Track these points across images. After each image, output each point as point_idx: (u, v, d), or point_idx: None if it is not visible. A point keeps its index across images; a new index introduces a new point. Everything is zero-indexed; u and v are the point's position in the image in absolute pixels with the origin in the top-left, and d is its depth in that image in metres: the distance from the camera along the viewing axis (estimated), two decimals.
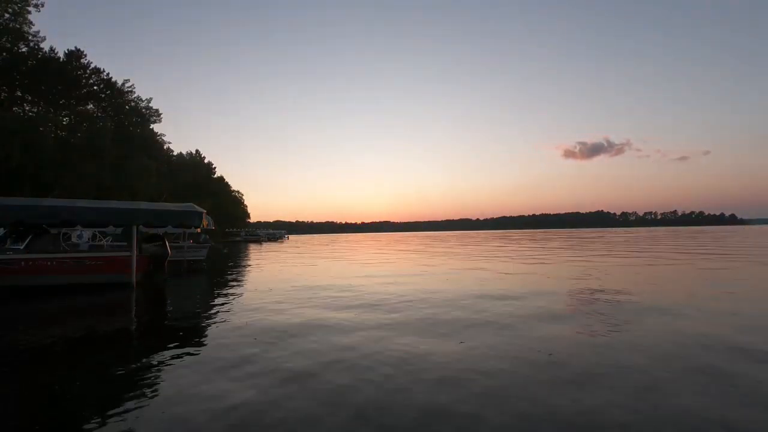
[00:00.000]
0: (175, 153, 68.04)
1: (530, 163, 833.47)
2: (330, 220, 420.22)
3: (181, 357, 4.69)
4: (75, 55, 38.35)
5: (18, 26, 33.78)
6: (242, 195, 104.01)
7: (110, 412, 3.24)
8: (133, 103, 46.77)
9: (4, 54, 33.39)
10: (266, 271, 15.70)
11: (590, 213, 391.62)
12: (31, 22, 34.55)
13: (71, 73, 37.66)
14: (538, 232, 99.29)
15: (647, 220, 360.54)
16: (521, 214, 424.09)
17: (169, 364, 4.43)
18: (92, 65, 39.90)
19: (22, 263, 10.39)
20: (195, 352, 4.90)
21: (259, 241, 69.38)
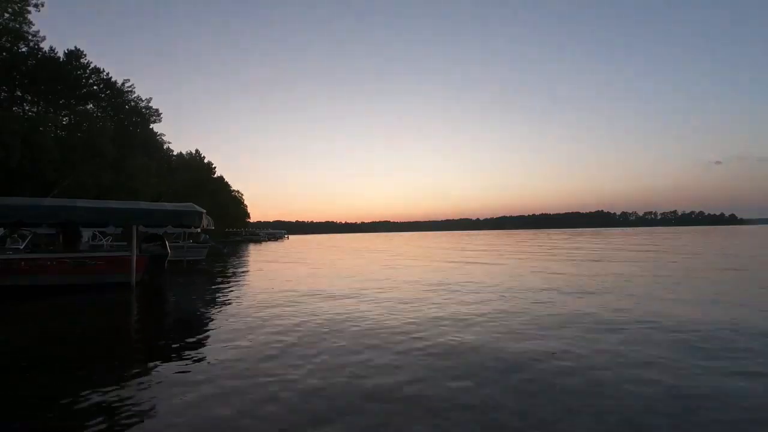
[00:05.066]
0: (175, 153, 68.05)
1: (533, 164, 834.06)
2: (330, 220, 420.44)
3: (181, 358, 4.69)
4: (75, 55, 38.33)
5: (18, 26, 33.73)
6: (242, 195, 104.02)
7: (106, 416, 3.24)
8: (133, 103, 46.72)
9: (4, 54, 33.37)
10: (266, 271, 15.70)
11: (590, 213, 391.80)
12: (31, 22, 34.49)
13: (71, 73, 37.63)
14: (549, 232, 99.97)
15: (647, 219, 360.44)
16: (522, 214, 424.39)
17: (169, 367, 4.43)
18: (92, 65, 39.88)
19: (22, 263, 10.39)
20: (195, 354, 4.90)
21: (259, 240, 69.47)
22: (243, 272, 15.58)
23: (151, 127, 50.76)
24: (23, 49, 34.96)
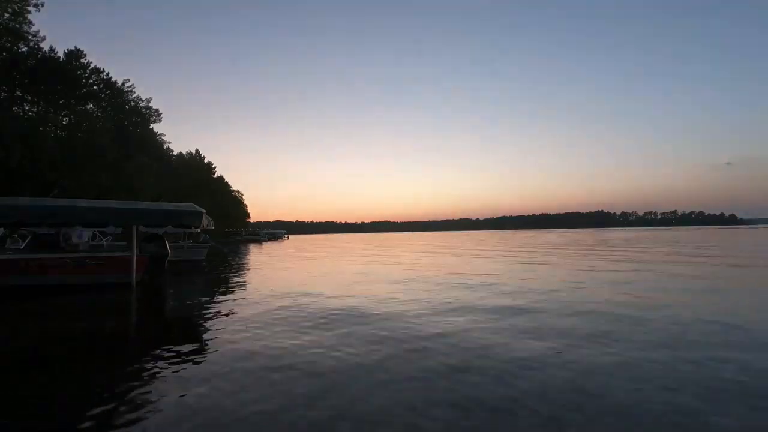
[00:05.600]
0: (175, 153, 68.10)
1: (534, 164, 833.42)
2: (330, 220, 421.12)
3: (181, 358, 4.68)
4: (75, 54, 38.34)
5: (18, 26, 33.75)
6: (242, 195, 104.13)
7: (106, 416, 3.23)
8: (133, 103, 46.80)
9: (4, 54, 33.37)
10: (266, 271, 15.70)
11: (590, 213, 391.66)
12: (30, 22, 34.53)
13: (71, 73, 37.63)
14: (553, 232, 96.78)
15: (647, 219, 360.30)
16: (521, 214, 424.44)
17: (169, 366, 4.42)
18: (92, 65, 39.92)
19: (22, 263, 10.38)
20: (195, 354, 4.89)
21: (259, 240, 69.48)
22: (243, 272, 15.57)
23: (151, 127, 50.85)
24: (23, 49, 34.99)
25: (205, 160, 78.67)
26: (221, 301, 8.61)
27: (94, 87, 40.85)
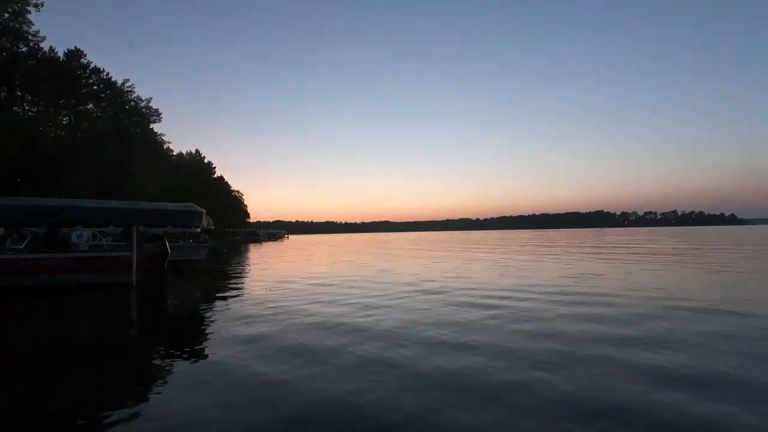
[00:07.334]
0: (175, 153, 68.12)
1: (534, 164, 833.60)
2: (330, 220, 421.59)
3: (181, 359, 4.69)
4: (75, 54, 38.38)
5: (18, 26, 33.78)
6: (242, 195, 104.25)
7: (107, 417, 3.24)
8: (133, 103, 46.81)
9: (4, 54, 33.38)
10: (266, 271, 15.69)
11: (590, 213, 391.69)
12: (31, 22, 34.57)
13: (71, 73, 37.67)
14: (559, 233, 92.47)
15: (647, 219, 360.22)
16: (522, 214, 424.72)
17: (170, 367, 4.43)
18: (92, 65, 39.98)
19: (22, 263, 10.39)
20: (195, 354, 4.89)
21: (258, 240, 69.48)
22: (243, 272, 15.57)
23: (151, 127, 50.86)
24: (23, 49, 35.00)
25: (205, 160, 78.77)
26: (221, 301, 8.61)
27: (94, 87, 40.88)
